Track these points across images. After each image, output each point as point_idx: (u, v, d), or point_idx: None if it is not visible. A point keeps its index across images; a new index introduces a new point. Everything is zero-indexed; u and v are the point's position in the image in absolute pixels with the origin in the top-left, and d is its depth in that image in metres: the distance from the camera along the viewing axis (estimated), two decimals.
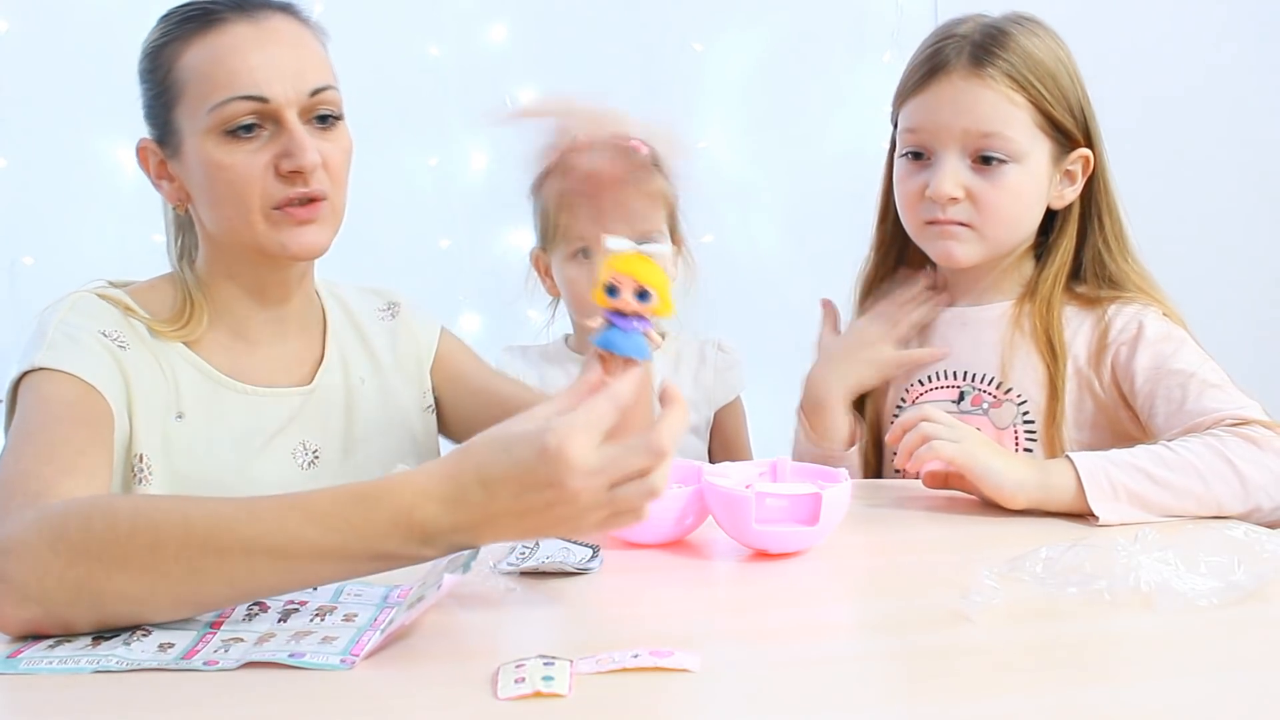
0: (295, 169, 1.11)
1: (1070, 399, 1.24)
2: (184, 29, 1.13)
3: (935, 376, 1.32)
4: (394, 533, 0.80)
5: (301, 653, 0.76)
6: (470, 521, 0.80)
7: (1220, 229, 2.52)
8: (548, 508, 0.79)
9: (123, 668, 0.75)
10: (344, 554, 0.81)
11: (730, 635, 0.81)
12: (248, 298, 1.19)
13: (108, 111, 2.26)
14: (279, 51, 1.12)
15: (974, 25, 1.25)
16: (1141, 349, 1.21)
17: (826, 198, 2.45)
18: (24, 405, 1.05)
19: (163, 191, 1.19)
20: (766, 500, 0.97)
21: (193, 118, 1.12)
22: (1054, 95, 1.23)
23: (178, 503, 0.86)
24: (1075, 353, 1.25)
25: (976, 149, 1.23)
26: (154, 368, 1.14)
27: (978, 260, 1.27)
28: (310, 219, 1.13)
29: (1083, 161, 1.27)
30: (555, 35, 2.47)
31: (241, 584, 0.82)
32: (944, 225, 1.25)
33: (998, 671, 0.73)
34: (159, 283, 1.22)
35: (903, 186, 1.29)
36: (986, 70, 1.21)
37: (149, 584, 0.81)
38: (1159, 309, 1.25)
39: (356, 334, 1.31)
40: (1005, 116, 1.22)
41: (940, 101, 1.24)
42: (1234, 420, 1.09)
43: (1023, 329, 1.27)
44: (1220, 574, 0.83)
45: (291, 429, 1.20)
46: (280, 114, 1.11)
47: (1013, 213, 1.25)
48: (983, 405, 1.28)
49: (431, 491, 0.80)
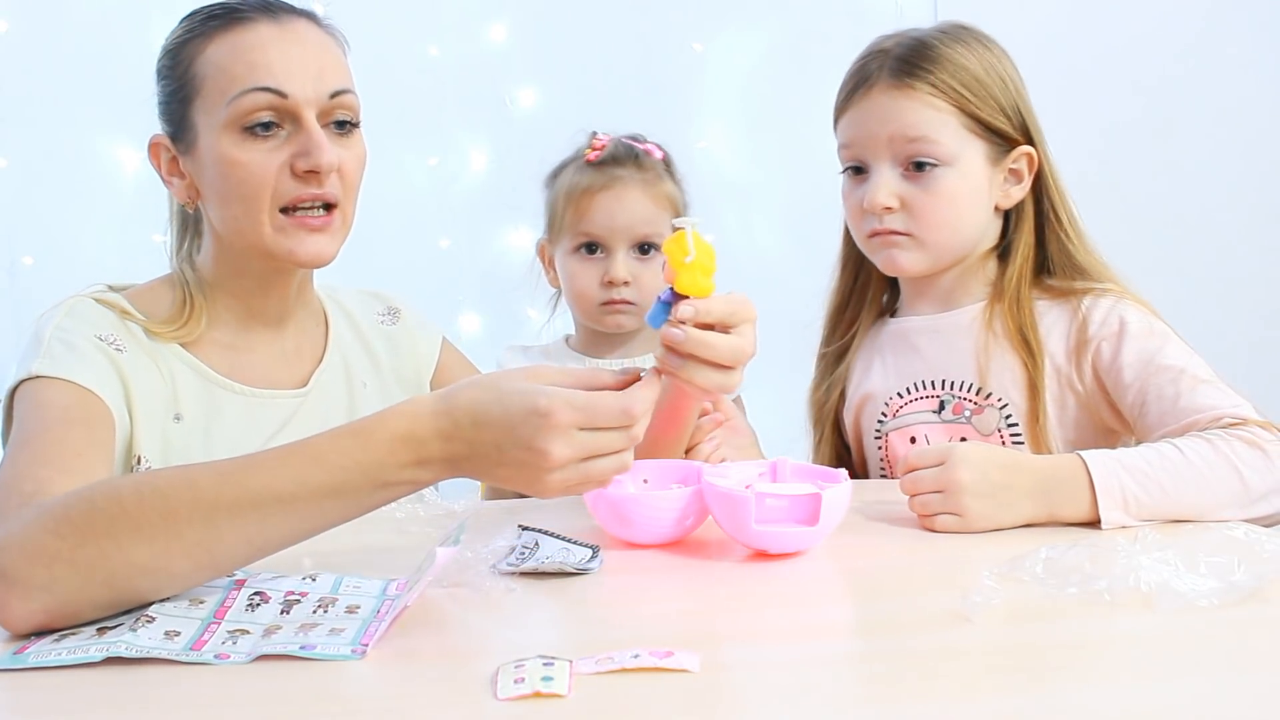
0: (311, 168, 1.11)
1: (1051, 396, 1.24)
2: (207, 26, 1.14)
3: (915, 388, 1.32)
4: (392, 458, 0.83)
5: (312, 644, 0.77)
6: (457, 454, 0.85)
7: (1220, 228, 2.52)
8: (522, 466, 0.84)
9: (132, 653, 0.75)
10: (348, 488, 0.83)
11: (730, 635, 0.81)
12: (249, 299, 1.20)
13: (108, 111, 2.27)
14: (301, 51, 1.13)
15: (898, 40, 1.28)
16: (1126, 344, 1.20)
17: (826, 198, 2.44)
18: (20, 414, 1.05)
19: (172, 189, 1.19)
20: (766, 500, 0.97)
21: (210, 112, 1.12)
22: (981, 98, 1.25)
23: (180, 469, 0.86)
24: (1052, 349, 1.25)
25: (906, 156, 1.25)
26: (151, 370, 1.14)
27: (924, 268, 1.28)
28: (321, 227, 1.13)
29: (1026, 159, 1.27)
30: (555, 35, 2.47)
31: (255, 536, 0.83)
32: (884, 235, 1.27)
33: (998, 671, 0.73)
34: (157, 285, 1.22)
35: (847, 202, 1.32)
36: (907, 80, 1.24)
37: (164, 551, 0.81)
38: (1133, 301, 1.24)
39: (358, 338, 1.31)
40: (930, 121, 1.23)
41: (868, 115, 1.26)
42: (1233, 420, 1.09)
43: (995, 330, 1.27)
44: (1220, 574, 0.83)
45: (288, 432, 1.20)
46: (299, 113, 1.11)
47: (948, 217, 1.26)
48: (964, 413, 1.28)
49: (425, 415, 0.84)
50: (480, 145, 2.48)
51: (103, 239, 2.32)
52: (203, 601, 0.84)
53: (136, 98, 1.20)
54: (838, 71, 1.32)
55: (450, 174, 2.49)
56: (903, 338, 1.35)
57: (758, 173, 2.51)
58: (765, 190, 2.52)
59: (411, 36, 2.43)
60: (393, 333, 1.33)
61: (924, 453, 1.06)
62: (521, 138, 2.44)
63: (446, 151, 2.49)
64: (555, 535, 0.99)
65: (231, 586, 0.87)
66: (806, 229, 2.50)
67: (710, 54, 2.50)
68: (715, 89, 2.50)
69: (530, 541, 0.98)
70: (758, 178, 2.51)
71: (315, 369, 1.25)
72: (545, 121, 2.45)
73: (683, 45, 2.49)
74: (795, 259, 2.47)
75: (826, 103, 1.33)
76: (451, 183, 2.49)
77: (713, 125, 2.50)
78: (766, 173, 2.51)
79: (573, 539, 0.98)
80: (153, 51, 1.19)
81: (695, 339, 0.96)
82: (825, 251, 1.47)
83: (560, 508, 1.16)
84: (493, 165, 2.48)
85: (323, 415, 1.23)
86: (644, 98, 2.40)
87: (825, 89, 1.33)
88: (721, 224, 2.46)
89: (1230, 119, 2.52)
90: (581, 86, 2.44)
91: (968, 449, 1.05)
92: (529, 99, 2.48)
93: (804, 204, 2.50)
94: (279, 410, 1.20)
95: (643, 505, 1.01)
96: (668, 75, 2.47)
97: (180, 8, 1.19)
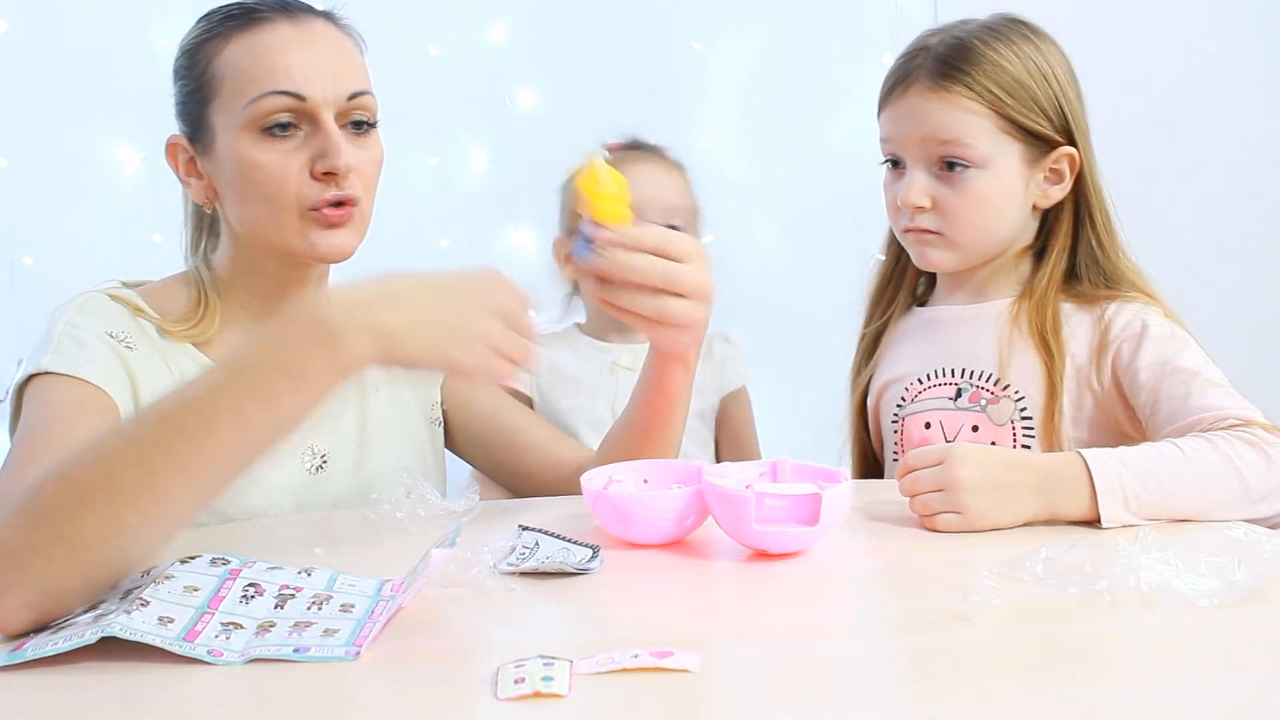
0: (330, 170, 1.11)
1: (1069, 396, 1.24)
2: (225, 26, 1.14)
3: (933, 375, 1.32)
4: (300, 338, 0.83)
5: (306, 647, 0.77)
6: (365, 297, 0.85)
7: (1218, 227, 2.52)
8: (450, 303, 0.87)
9: (125, 635, 0.75)
10: (266, 387, 0.82)
11: (730, 635, 0.81)
12: (265, 298, 1.20)
13: (108, 111, 2.27)
14: (319, 52, 1.13)
15: (941, 38, 1.28)
16: (1145, 346, 1.20)
17: (826, 198, 2.45)
18: (27, 411, 1.05)
19: (190, 189, 1.19)
20: (766, 500, 0.97)
21: (228, 113, 1.12)
22: (1019, 99, 1.24)
23: (112, 426, 0.86)
24: (1074, 351, 1.25)
25: (939, 157, 1.25)
26: (162, 368, 1.14)
27: (956, 265, 1.29)
28: (340, 222, 1.14)
29: (1068, 160, 1.27)
30: (555, 35, 2.47)
31: (196, 470, 0.81)
32: (917, 233, 1.28)
33: (998, 671, 0.73)
34: (172, 283, 1.22)
35: (886, 194, 1.33)
36: (944, 84, 1.24)
37: (112, 511, 0.80)
38: (1159, 309, 1.25)
39: None
40: (963, 125, 1.24)
41: (904, 113, 1.27)
42: (1237, 421, 1.09)
43: (1020, 327, 1.27)
44: (1220, 574, 0.83)
45: (300, 433, 1.20)
46: (317, 114, 1.11)
47: (979, 218, 1.26)
48: (980, 402, 1.28)
49: (326, 291, 0.87)
50: (480, 145, 2.48)
51: (103, 239, 2.32)
52: (197, 589, 0.84)
53: (136, 98, 1.21)
54: (838, 71, 1.33)
55: (450, 174, 2.49)
56: (929, 326, 1.36)
57: (758, 173, 2.51)
58: (765, 190, 2.52)
59: (411, 36, 2.43)
60: None
61: (923, 453, 1.06)
62: (521, 138, 2.44)
63: (446, 151, 2.48)
64: (555, 535, 0.99)
65: (226, 576, 0.87)
66: (806, 229, 2.51)
67: (710, 54, 2.50)
68: (715, 89, 2.50)
69: (530, 541, 0.98)
70: (758, 178, 2.51)
71: None
72: (545, 121, 2.45)
73: (683, 45, 2.49)
74: (795, 259, 2.48)
75: (826, 103, 1.34)
76: (451, 183, 2.49)
77: (713, 125, 2.50)
78: (766, 173, 2.51)
79: (573, 539, 0.98)
80: (153, 51, 1.19)
81: (621, 262, 0.98)
82: (825, 251, 1.48)
83: (560, 508, 1.16)
84: (493, 165, 2.48)
85: (334, 417, 1.23)
86: (644, 98, 2.40)
87: (825, 89, 1.34)
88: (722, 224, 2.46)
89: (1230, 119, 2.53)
90: (581, 86, 2.44)
91: (967, 447, 1.05)
92: (529, 99, 2.48)
93: (804, 204, 2.51)
94: None
95: (643, 505, 1.01)
96: (668, 75, 2.47)
97: (180, 8, 1.19)
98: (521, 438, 1.32)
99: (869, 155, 1.38)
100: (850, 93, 2.41)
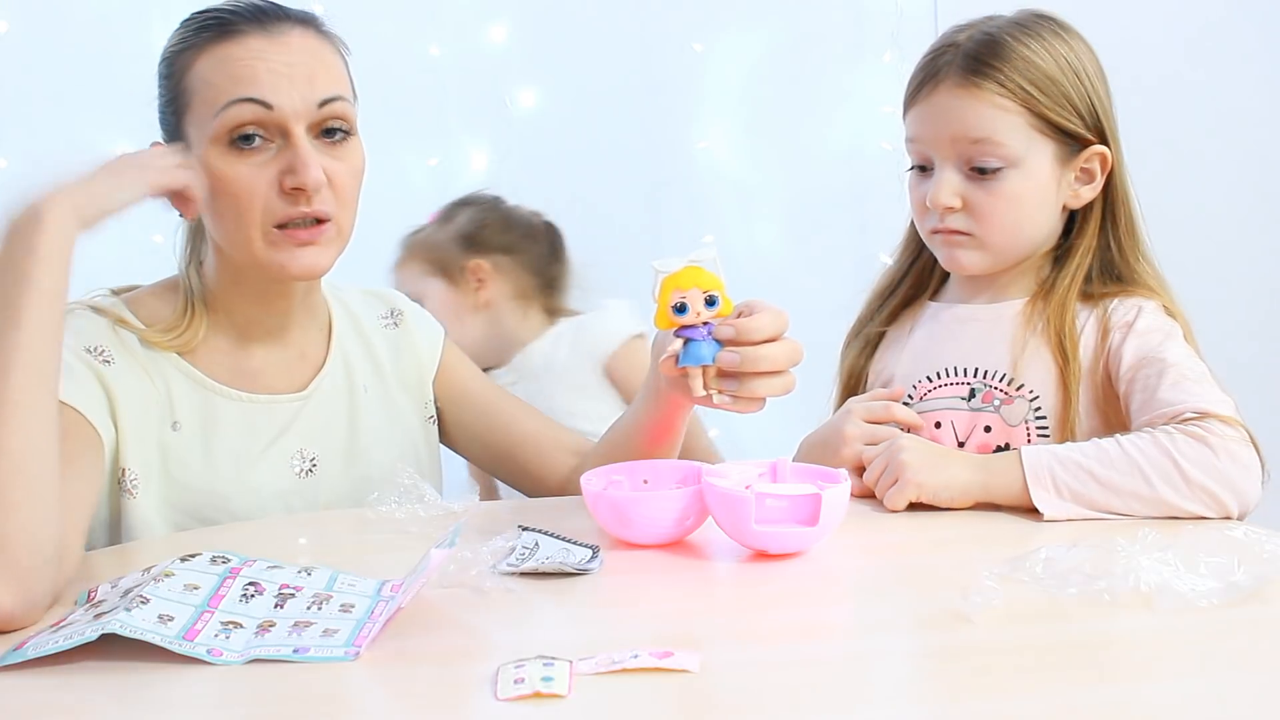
0: (298, 186, 1.09)
1: (1083, 396, 1.24)
2: (200, 37, 1.13)
3: (945, 373, 1.31)
4: (13, 234, 0.97)
5: (306, 647, 0.77)
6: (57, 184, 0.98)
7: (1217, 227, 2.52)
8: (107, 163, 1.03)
9: (126, 632, 0.76)
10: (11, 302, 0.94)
11: (730, 635, 0.81)
12: (252, 306, 1.19)
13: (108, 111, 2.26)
14: (289, 60, 1.11)
15: (970, 34, 1.25)
16: (1132, 336, 1.20)
17: (826, 198, 2.45)
18: None
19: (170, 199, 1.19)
20: (766, 501, 0.97)
21: (200, 126, 1.11)
22: (1052, 97, 1.22)
23: None
24: (1083, 349, 1.24)
25: (969, 157, 1.23)
26: (142, 380, 1.13)
27: (986, 267, 1.27)
28: (311, 240, 1.12)
29: (1100, 159, 1.26)
30: (555, 35, 2.47)
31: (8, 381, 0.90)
32: (947, 234, 1.26)
33: (998, 671, 0.73)
34: (162, 289, 1.21)
35: (912, 196, 1.30)
36: (975, 80, 1.21)
37: None
38: (1158, 302, 1.24)
39: (361, 340, 1.30)
40: (995, 123, 1.21)
41: (933, 112, 1.24)
42: (1192, 414, 1.09)
43: (1035, 328, 1.26)
44: (1220, 574, 0.83)
45: (288, 436, 1.20)
46: (286, 125, 1.10)
47: (1012, 219, 1.24)
48: (994, 402, 1.27)
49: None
50: (480, 145, 2.48)
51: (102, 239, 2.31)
52: (197, 587, 0.84)
53: (136, 97, 1.20)
54: (838, 72, 1.32)
55: (450, 174, 2.49)
56: (940, 323, 1.34)
57: (758, 173, 2.51)
58: (765, 190, 2.52)
59: (411, 36, 2.43)
60: (395, 336, 1.33)
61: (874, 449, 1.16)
62: (521, 138, 2.44)
63: (446, 151, 2.49)
64: (555, 535, 0.99)
65: (227, 574, 0.87)
66: (806, 229, 2.51)
67: (710, 54, 2.50)
68: (715, 89, 2.50)
69: (530, 542, 0.98)
70: (758, 178, 2.51)
71: (316, 373, 1.24)
72: (545, 121, 2.45)
73: (683, 45, 2.49)
74: (795, 259, 2.48)
75: (826, 103, 1.33)
76: (451, 183, 2.48)
77: (713, 125, 2.50)
78: (766, 173, 2.51)
79: (573, 539, 0.98)
80: (153, 51, 1.19)
81: (753, 356, 1.01)
82: (825, 251, 1.48)
83: (560, 508, 1.16)
84: (493, 165, 2.48)
85: (323, 419, 1.22)
86: (644, 98, 2.40)
87: (825, 89, 1.33)
88: (722, 224, 2.46)
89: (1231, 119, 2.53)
90: (581, 86, 2.44)
91: (910, 437, 1.15)
92: (529, 99, 2.48)
93: (804, 204, 2.51)
94: (278, 415, 1.20)
95: (643, 505, 1.01)
96: (668, 75, 2.47)
97: (180, 9, 1.19)
98: (518, 429, 1.32)
99: (869, 155, 1.38)
100: (850, 93, 2.42)
